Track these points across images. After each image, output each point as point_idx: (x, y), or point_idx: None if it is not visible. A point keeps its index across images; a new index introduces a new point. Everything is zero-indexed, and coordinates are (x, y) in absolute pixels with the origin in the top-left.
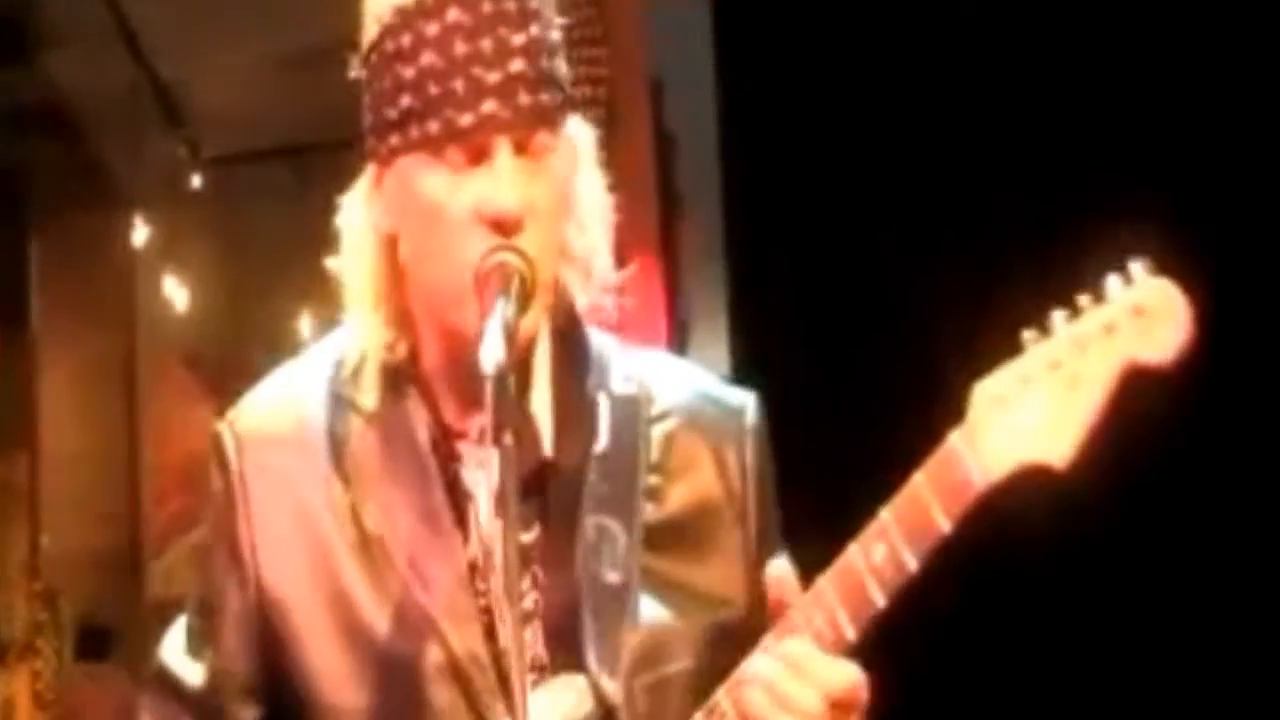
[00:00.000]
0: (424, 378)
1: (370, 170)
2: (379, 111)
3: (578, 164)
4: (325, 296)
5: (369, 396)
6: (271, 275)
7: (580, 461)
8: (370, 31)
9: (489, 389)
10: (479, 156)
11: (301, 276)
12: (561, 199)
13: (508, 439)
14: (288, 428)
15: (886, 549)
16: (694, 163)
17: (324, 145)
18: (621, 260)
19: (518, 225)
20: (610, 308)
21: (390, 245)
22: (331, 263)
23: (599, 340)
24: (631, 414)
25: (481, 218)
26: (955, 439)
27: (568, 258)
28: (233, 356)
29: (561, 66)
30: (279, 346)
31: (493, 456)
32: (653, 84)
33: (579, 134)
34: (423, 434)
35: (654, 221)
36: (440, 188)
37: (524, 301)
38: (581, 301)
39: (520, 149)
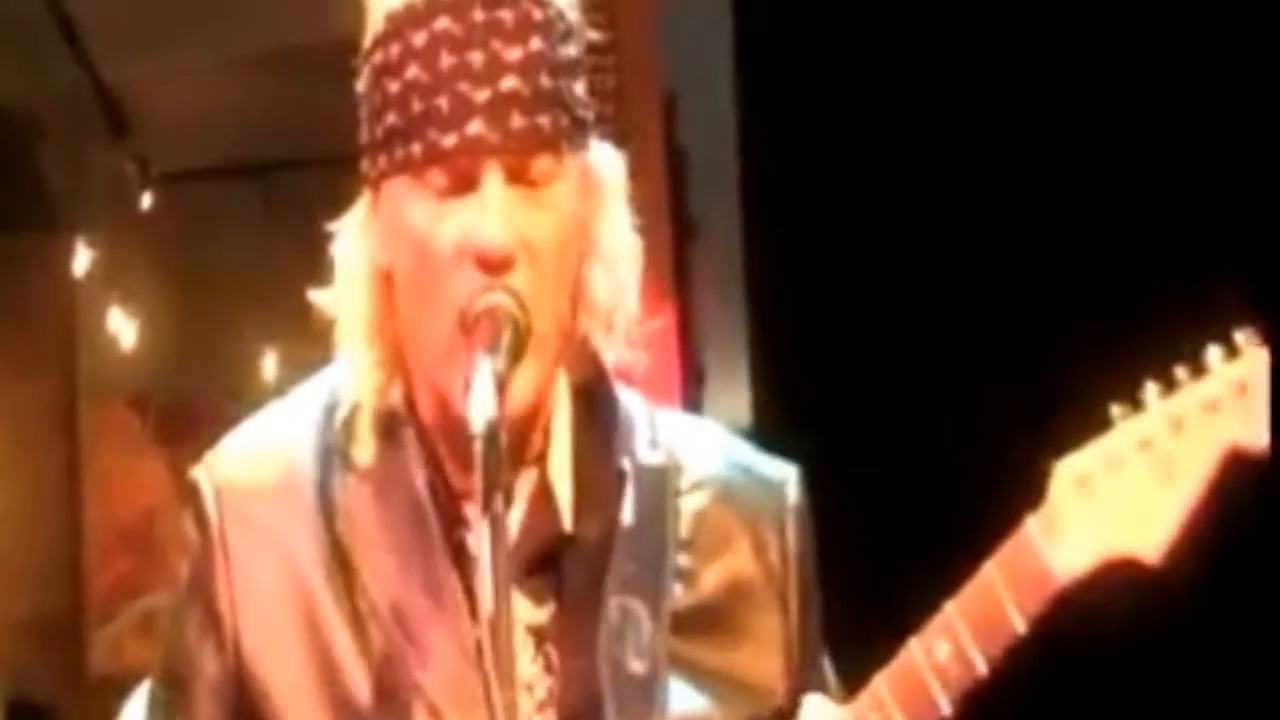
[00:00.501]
0: (423, 428)
1: (366, 195)
2: (371, 129)
3: (600, 198)
4: (293, 334)
5: (364, 450)
6: (232, 309)
7: (603, 536)
8: (367, 38)
9: (477, 448)
10: (467, 183)
11: (266, 311)
12: (568, 235)
13: (499, 505)
14: (273, 477)
15: (951, 647)
16: (710, 183)
17: (293, 162)
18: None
19: (505, 263)
20: (637, 364)
21: (386, 279)
22: (319, 296)
23: (626, 400)
24: (659, 485)
25: (465, 253)
26: (1032, 525)
27: (588, 306)
28: (187, 401)
29: (574, 86)
30: (240, 390)
31: (482, 526)
32: (665, 96)
33: (604, 163)
34: (424, 492)
35: (666, 250)
36: (425, 217)
37: (517, 350)
38: (608, 356)
39: (515, 176)
